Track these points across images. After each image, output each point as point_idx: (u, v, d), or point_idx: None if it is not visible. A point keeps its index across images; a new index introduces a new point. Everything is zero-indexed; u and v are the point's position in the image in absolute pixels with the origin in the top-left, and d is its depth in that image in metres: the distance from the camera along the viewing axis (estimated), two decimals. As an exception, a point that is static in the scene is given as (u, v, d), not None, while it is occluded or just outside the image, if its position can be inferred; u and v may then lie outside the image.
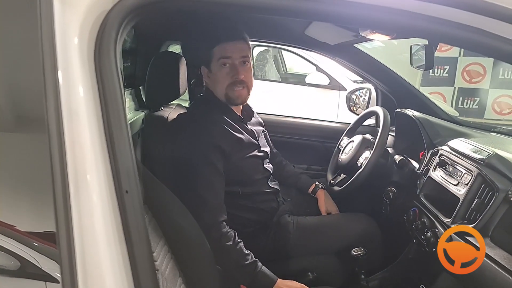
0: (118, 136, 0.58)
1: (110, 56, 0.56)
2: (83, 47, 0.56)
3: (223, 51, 1.33)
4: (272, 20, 1.64)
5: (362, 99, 2.28)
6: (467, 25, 0.63)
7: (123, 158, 0.58)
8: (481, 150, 1.23)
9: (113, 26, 0.55)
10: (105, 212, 0.59)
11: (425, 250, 1.28)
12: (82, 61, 0.56)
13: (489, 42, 0.64)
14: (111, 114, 0.58)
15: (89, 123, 0.57)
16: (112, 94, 0.57)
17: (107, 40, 0.56)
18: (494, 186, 1.09)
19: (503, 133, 1.68)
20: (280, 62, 4.88)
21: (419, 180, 1.45)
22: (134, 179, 0.60)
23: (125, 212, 0.58)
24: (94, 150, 0.57)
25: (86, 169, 0.57)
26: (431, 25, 0.64)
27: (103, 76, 0.56)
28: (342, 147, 1.73)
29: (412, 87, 1.93)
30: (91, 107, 0.57)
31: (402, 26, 0.66)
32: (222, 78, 1.35)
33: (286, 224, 1.49)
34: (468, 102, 6.07)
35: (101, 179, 0.58)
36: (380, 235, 1.52)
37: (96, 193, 0.58)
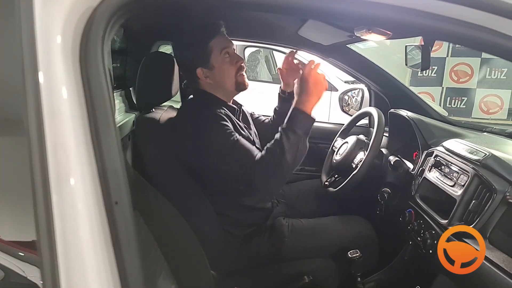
0: (106, 138, 0.54)
1: (97, 55, 0.52)
2: (67, 46, 0.52)
3: (222, 43, 1.35)
4: (265, 20, 1.61)
5: (355, 100, 2.28)
6: (466, 22, 0.61)
7: (111, 162, 0.54)
8: (477, 151, 1.23)
9: (100, 24, 0.51)
10: (91, 220, 0.55)
11: (421, 251, 1.27)
12: (65, 60, 0.52)
13: (490, 39, 0.62)
14: (98, 117, 0.54)
15: (73, 125, 0.53)
16: (99, 96, 0.53)
17: (94, 38, 0.52)
18: (491, 187, 1.08)
19: (495, 132, 1.68)
20: (271, 63, 4.86)
21: (414, 181, 1.44)
22: (125, 189, 0.56)
23: (115, 224, 0.54)
24: (79, 154, 0.53)
25: (70, 173, 0.53)
26: (430, 22, 0.62)
27: (89, 77, 0.52)
28: (336, 148, 1.72)
29: (405, 87, 1.93)
30: (76, 109, 0.53)
31: (401, 24, 0.64)
32: (229, 68, 1.36)
33: (280, 226, 1.47)
34: (456, 102, 6.15)
35: (87, 184, 0.54)
36: (375, 237, 1.50)
37: (81, 200, 0.54)
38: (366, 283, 1.47)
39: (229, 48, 1.37)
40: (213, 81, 1.37)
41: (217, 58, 1.35)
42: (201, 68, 1.35)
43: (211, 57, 1.34)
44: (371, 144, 1.44)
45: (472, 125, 1.83)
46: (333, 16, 0.66)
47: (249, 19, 1.60)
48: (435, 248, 1.20)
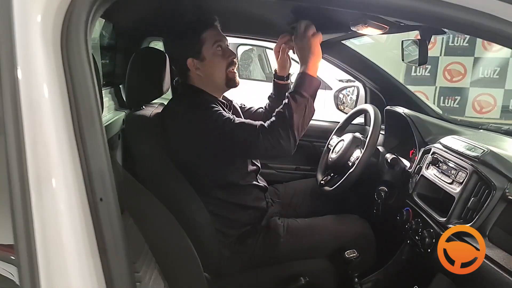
0: (91, 134, 0.50)
1: (80, 41, 0.48)
2: (47, 30, 0.47)
3: (215, 35, 1.33)
4: (258, 15, 1.58)
5: (350, 98, 2.24)
6: (466, 7, 0.58)
7: (96, 161, 0.51)
8: (475, 147, 1.20)
9: (83, 6, 0.47)
10: (74, 221, 0.51)
11: (419, 251, 1.25)
12: (45, 47, 0.47)
13: (492, 25, 0.59)
14: (81, 110, 0.50)
15: (54, 119, 0.49)
16: (82, 86, 0.49)
17: (76, 22, 0.48)
18: (490, 184, 1.06)
19: (492, 130, 1.66)
20: (265, 61, 4.83)
21: (412, 179, 1.42)
22: (110, 185, 0.52)
23: (99, 222, 0.50)
24: (61, 151, 0.49)
25: (51, 172, 0.49)
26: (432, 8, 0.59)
27: (71, 65, 0.48)
28: (331, 146, 1.69)
29: (401, 84, 1.90)
30: (57, 101, 0.49)
31: (403, 9, 0.60)
32: (220, 61, 1.34)
33: (276, 227, 1.44)
34: (449, 101, 6.16)
35: (69, 184, 0.50)
36: (372, 236, 1.48)
37: (63, 200, 0.50)
38: (363, 283, 1.44)
39: (222, 42, 1.35)
40: (203, 74, 1.34)
41: (209, 50, 1.32)
42: (192, 59, 1.32)
43: (203, 48, 1.31)
44: (368, 142, 1.41)
45: (468, 122, 1.81)
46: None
47: (242, 15, 1.57)
48: (433, 247, 1.18)
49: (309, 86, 1.23)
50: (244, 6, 1.49)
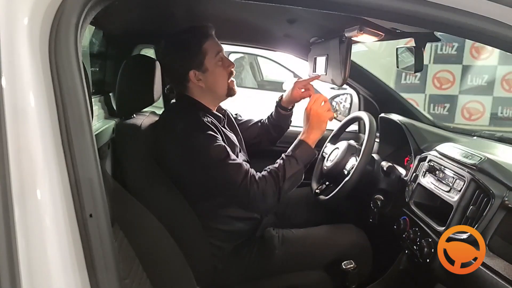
0: (80, 144, 0.47)
1: (69, 46, 0.45)
2: (34, 34, 0.44)
3: (216, 46, 1.31)
4: (252, 23, 1.56)
5: (343, 105, 2.23)
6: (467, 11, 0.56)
7: (86, 172, 0.47)
8: (472, 155, 1.19)
9: (74, 9, 0.44)
10: (61, 238, 0.47)
11: (418, 261, 1.22)
12: (32, 52, 0.44)
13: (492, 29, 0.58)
14: (70, 119, 0.46)
15: (40, 127, 0.45)
16: (71, 93, 0.46)
17: (66, 26, 0.44)
18: (489, 192, 1.04)
19: (485, 137, 1.66)
20: (256, 69, 4.83)
21: (408, 187, 1.40)
22: (101, 199, 0.48)
23: (89, 240, 0.47)
24: (47, 161, 0.45)
25: (36, 183, 0.46)
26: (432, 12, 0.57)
27: (60, 72, 0.45)
28: (326, 154, 1.67)
29: (395, 92, 1.90)
30: (44, 109, 0.45)
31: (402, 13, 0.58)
32: (222, 72, 1.33)
33: (270, 238, 1.41)
34: (439, 108, 6.23)
35: (56, 197, 0.46)
36: (369, 246, 1.45)
37: (49, 215, 0.46)
38: (361, 295, 1.41)
39: (222, 52, 1.34)
40: (205, 85, 1.31)
41: (211, 61, 1.30)
42: (194, 71, 1.29)
43: (206, 59, 1.29)
44: (364, 149, 1.40)
45: (461, 129, 1.81)
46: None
47: (236, 22, 1.55)
48: (432, 256, 1.15)
49: (306, 155, 1.26)
50: (237, 13, 1.48)
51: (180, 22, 1.59)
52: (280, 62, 4.11)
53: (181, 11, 1.49)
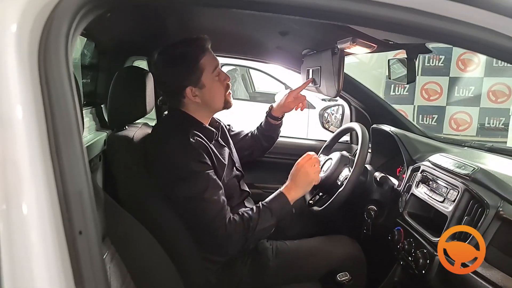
0: (70, 157, 0.45)
1: (60, 55, 0.43)
2: (23, 41, 0.43)
3: (212, 61, 1.29)
4: (245, 35, 1.57)
5: (334, 117, 2.24)
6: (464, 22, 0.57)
7: (76, 187, 0.45)
8: (465, 165, 1.20)
9: (65, 16, 0.43)
10: (48, 255, 0.45)
11: (413, 272, 1.21)
12: (20, 61, 0.42)
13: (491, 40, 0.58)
14: (59, 129, 0.44)
15: (28, 138, 0.43)
16: (61, 103, 0.44)
17: (56, 34, 0.43)
18: (483, 202, 1.04)
19: (475, 147, 1.68)
20: (248, 81, 4.85)
21: (401, 197, 1.40)
22: (91, 215, 0.46)
23: (78, 258, 0.44)
24: (35, 173, 0.43)
25: (22, 198, 0.44)
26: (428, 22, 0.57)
27: (49, 80, 0.43)
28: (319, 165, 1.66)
29: (386, 103, 1.91)
30: (31, 118, 0.43)
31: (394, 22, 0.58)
32: (219, 87, 1.31)
33: (264, 250, 1.39)
34: (428, 119, 6.32)
35: (43, 211, 0.44)
36: (363, 257, 1.44)
37: (36, 231, 0.44)
38: (355, 307, 1.40)
39: (219, 66, 1.32)
40: (201, 100, 1.29)
41: (208, 76, 1.27)
42: (191, 87, 1.26)
43: (203, 75, 1.26)
44: (357, 160, 1.39)
45: (451, 140, 1.83)
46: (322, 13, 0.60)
47: (229, 34, 1.56)
48: (428, 268, 1.15)
49: (282, 211, 1.25)
50: (230, 26, 1.49)
51: (173, 34, 1.59)
52: (272, 74, 4.14)
53: (174, 23, 1.49)
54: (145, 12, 1.27)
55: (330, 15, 0.59)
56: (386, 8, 0.56)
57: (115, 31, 1.45)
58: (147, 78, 1.37)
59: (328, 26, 1.12)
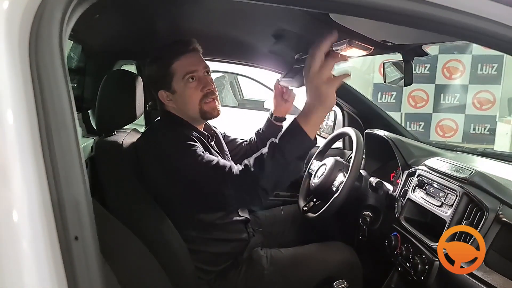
0: (64, 158, 0.41)
1: (52, 45, 0.39)
2: (12, 31, 0.39)
3: (186, 66, 1.21)
4: (236, 38, 1.54)
5: (325, 123, 2.23)
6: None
7: (72, 192, 0.41)
8: (462, 169, 1.19)
9: (57, 4, 0.39)
10: (41, 263, 0.41)
11: (412, 278, 1.19)
12: (10, 50, 0.39)
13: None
14: (53, 131, 0.40)
15: (18, 139, 0.39)
16: (55, 100, 0.40)
17: (48, 22, 0.39)
18: (482, 206, 1.03)
19: (467, 152, 1.68)
20: (236, 88, 4.83)
21: (397, 202, 1.38)
22: (88, 219, 0.42)
23: (73, 265, 0.40)
24: (26, 178, 0.39)
25: (12, 204, 0.40)
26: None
27: (41, 73, 0.39)
28: (313, 171, 1.64)
29: (379, 108, 1.91)
30: (22, 117, 0.39)
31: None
32: (192, 94, 1.22)
33: (258, 258, 1.35)
34: (415, 126, 6.39)
35: (35, 219, 0.40)
36: (359, 264, 1.41)
37: (27, 239, 0.40)
38: (352, 316, 1.36)
39: (196, 72, 1.23)
40: (176, 106, 1.26)
41: (179, 82, 1.22)
42: (163, 91, 1.24)
43: (173, 80, 1.22)
44: (352, 165, 1.37)
45: (443, 145, 1.82)
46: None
47: (220, 38, 1.53)
48: (427, 274, 1.13)
49: (298, 146, 0.97)
50: (221, 28, 1.46)
51: (162, 38, 1.56)
52: (261, 80, 4.12)
53: (164, 26, 1.46)
54: (134, 13, 1.24)
55: (333, 6, 0.56)
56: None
57: (103, 34, 1.41)
58: (137, 82, 1.33)
59: (323, 28, 1.10)
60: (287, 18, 1.20)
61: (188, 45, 1.24)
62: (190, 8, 1.20)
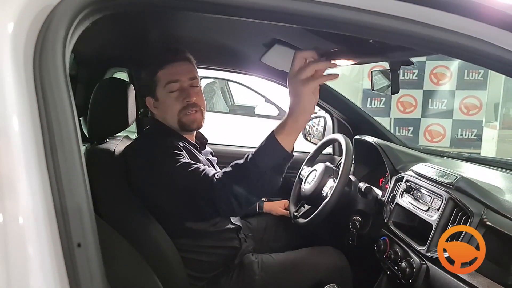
0: (68, 167, 0.43)
1: (57, 61, 0.41)
2: (18, 49, 0.41)
3: (169, 75, 1.22)
4: (228, 46, 1.57)
5: (316, 129, 2.26)
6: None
7: (75, 201, 0.43)
8: (448, 174, 1.22)
9: (61, 23, 0.41)
10: (45, 268, 0.43)
11: (400, 282, 1.22)
12: (16, 66, 0.40)
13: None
14: (57, 139, 0.42)
15: (24, 148, 0.41)
16: (58, 111, 0.42)
17: (53, 40, 0.41)
18: (467, 210, 1.06)
19: (453, 157, 1.72)
20: (227, 94, 4.86)
21: (386, 207, 1.41)
22: (90, 227, 0.44)
23: (76, 271, 0.42)
24: (32, 188, 0.41)
25: (18, 212, 0.41)
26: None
27: (45, 86, 0.41)
28: (303, 177, 1.66)
29: (367, 115, 1.94)
30: (27, 127, 0.41)
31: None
32: (172, 104, 1.22)
33: (250, 264, 1.36)
34: (404, 131, 6.47)
35: (40, 226, 0.41)
36: (349, 268, 1.44)
37: (32, 244, 0.41)
38: (343, 319, 1.38)
39: (179, 82, 1.21)
40: (159, 113, 1.27)
41: (161, 91, 1.23)
42: (150, 97, 1.26)
43: (157, 88, 1.23)
44: (342, 171, 1.40)
45: (430, 150, 1.87)
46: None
47: (212, 45, 1.55)
48: (414, 277, 1.15)
49: (271, 156, 0.91)
50: (212, 37, 1.48)
51: (154, 46, 1.58)
52: (251, 86, 4.16)
53: (156, 34, 1.48)
54: (126, 22, 1.25)
55: (319, 23, 0.59)
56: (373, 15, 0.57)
57: (95, 42, 1.42)
58: (129, 90, 1.34)
59: (313, 38, 1.13)
60: (277, 28, 1.23)
61: (176, 54, 1.25)
62: (181, 16, 1.22)
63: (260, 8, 0.56)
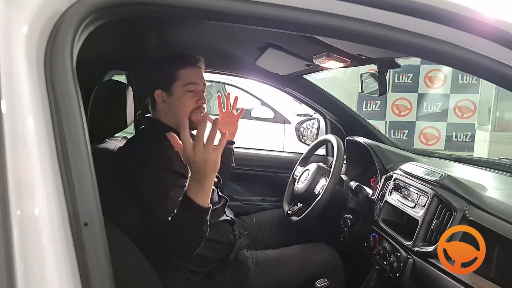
0: (79, 172, 0.48)
1: (66, 63, 0.46)
2: (31, 49, 0.46)
3: (191, 77, 1.31)
4: (223, 50, 1.62)
5: (310, 131, 2.31)
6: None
7: (83, 188, 0.48)
8: (433, 172, 1.27)
9: (69, 28, 0.46)
10: (57, 248, 0.48)
11: (388, 276, 1.26)
12: (29, 64, 0.45)
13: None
14: (67, 138, 0.47)
15: (39, 152, 0.46)
16: (68, 113, 0.47)
17: (62, 42, 0.46)
18: (451, 206, 1.11)
19: (443, 158, 1.78)
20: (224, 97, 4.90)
21: (376, 205, 1.46)
22: (96, 209, 0.49)
23: (83, 247, 0.47)
24: (48, 191, 0.46)
25: (34, 209, 0.46)
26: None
27: (55, 88, 0.46)
28: (297, 176, 1.71)
29: (360, 116, 2.00)
30: (41, 129, 0.46)
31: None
32: (187, 102, 1.30)
33: (244, 259, 1.41)
34: (399, 134, 6.53)
35: (54, 218, 0.46)
36: (341, 264, 1.48)
37: (46, 232, 0.46)
38: (334, 313, 1.43)
39: (198, 85, 1.32)
40: (167, 108, 1.32)
41: (179, 88, 1.30)
42: (161, 91, 1.31)
43: (175, 84, 1.30)
44: (333, 170, 1.45)
45: (421, 151, 1.92)
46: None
47: (208, 50, 1.60)
48: (401, 271, 1.20)
49: (193, 217, 0.98)
50: (209, 41, 1.53)
51: (152, 49, 1.63)
52: (247, 89, 4.21)
53: (154, 38, 1.52)
54: (125, 26, 1.30)
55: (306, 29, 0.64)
56: (355, 22, 0.62)
57: (94, 44, 1.47)
58: (127, 92, 1.39)
59: (304, 42, 1.18)
60: (271, 33, 1.28)
61: (197, 60, 1.34)
62: (179, 21, 1.27)
63: (251, 16, 0.61)
